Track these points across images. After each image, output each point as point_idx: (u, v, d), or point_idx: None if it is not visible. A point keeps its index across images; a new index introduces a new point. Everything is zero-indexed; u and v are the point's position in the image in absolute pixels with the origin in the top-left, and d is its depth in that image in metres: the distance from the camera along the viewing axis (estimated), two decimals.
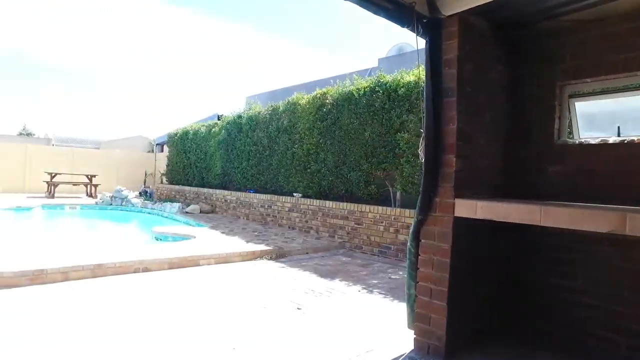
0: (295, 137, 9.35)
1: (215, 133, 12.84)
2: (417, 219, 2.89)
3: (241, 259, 6.33)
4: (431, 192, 2.82)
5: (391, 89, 7.17)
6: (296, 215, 9.12)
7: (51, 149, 20.37)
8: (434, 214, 2.79)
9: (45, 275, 4.73)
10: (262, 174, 10.62)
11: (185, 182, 14.83)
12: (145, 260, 5.41)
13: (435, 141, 2.78)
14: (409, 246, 3.01)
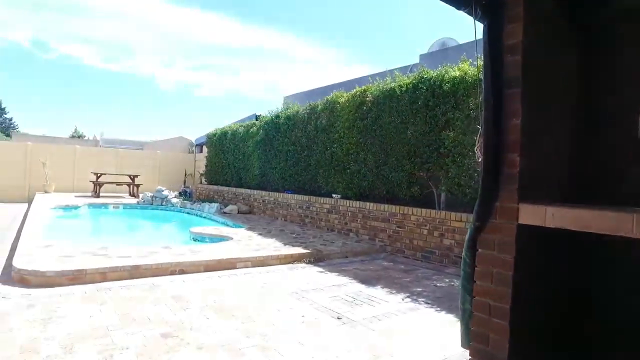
0: (334, 136, 9.12)
1: (253, 133, 12.82)
2: (474, 225, 2.57)
3: (279, 262, 6.16)
4: (490, 196, 2.49)
5: (435, 85, 6.79)
6: (335, 217, 8.88)
7: (97, 150, 21.15)
8: (493, 220, 2.46)
9: (84, 276, 4.74)
10: (300, 175, 10.45)
11: (224, 182, 14.94)
12: (182, 263, 5.34)
13: (495, 138, 2.45)
14: (463, 256, 2.69)
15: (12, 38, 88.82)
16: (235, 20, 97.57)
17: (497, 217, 2.46)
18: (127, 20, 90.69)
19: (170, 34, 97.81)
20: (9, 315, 3.70)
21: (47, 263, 4.92)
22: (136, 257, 5.41)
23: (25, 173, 16.22)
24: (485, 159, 2.50)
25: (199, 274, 5.37)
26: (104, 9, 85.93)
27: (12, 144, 18.66)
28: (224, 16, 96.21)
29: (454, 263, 6.30)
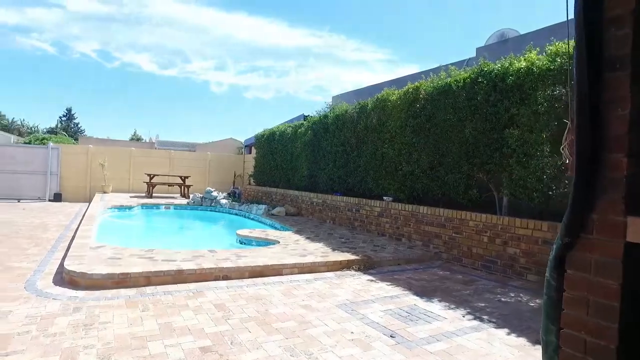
0: (385, 136, 8.68)
1: (301, 134, 12.63)
2: (562, 241, 2.10)
3: (327, 269, 5.85)
4: (584, 206, 2.01)
5: (497, 78, 6.19)
6: (386, 221, 8.44)
7: (151, 151, 21.92)
8: (589, 236, 1.99)
9: (129, 279, 4.67)
10: (350, 176, 10.10)
11: (272, 183, 14.89)
12: (226, 268, 5.16)
13: (591, 134, 1.98)
14: (547, 277, 2.22)
15: (81, 50, 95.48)
16: (283, 22, 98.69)
17: (593, 232, 1.99)
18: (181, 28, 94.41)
19: (221, 39, 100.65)
20: (55, 318, 3.67)
21: (96, 266, 4.92)
22: (181, 261, 5.30)
23: (87, 174, 17.07)
24: (578, 161, 2.03)
25: (243, 280, 5.17)
26: (160, 18, 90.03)
27: (75, 147, 19.75)
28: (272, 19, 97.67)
29: (519, 275, 5.69)
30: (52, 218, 10.42)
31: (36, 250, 6.51)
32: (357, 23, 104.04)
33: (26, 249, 6.63)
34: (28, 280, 4.83)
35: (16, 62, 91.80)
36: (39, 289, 4.53)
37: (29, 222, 9.63)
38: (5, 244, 6.91)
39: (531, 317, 4.13)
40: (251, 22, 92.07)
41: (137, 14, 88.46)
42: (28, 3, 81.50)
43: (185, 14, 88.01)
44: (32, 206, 13.55)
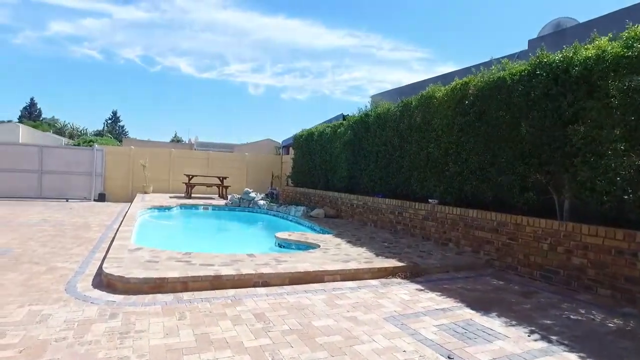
0: (431, 135, 8.22)
1: (340, 134, 12.31)
2: None
3: (371, 276, 5.50)
4: None
5: (560, 69, 5.62)
6: (432, 225, 7.98)
7: (190, 152, 22.26)
8: None
9: (166, 284, 4.52)
10: (392, 177, 9.68)
11: (310, 184, 14.65)
12: (265, 274, 4.91)
13: None
14: None
15: (126, 56, 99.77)
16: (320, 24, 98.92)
17: None
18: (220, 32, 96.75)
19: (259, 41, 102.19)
20: (92, 324, 3.55)
21: (133, 269, 4.80)
22: (219, 266, 5.11)
23: (129, 175, 17.49)
24: None
25: (283, 287, 4.91)
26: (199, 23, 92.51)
27: (118, 148, 20.34)
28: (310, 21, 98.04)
29: (587, 288, 5.11)
30: (95, 218, 10.62)
31: (79, 250, 6.54)
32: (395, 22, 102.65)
33: (70, 248, 6.69)
34: (69, 282, 4.78)
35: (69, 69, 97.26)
36: (78, 291, 4.46)
37: (74, 221, 9.83)
38: (52, 243, 7.03)
39: (613, 342, 3.61)
40: (289, 24, 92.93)
41: (178, 20, 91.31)
42: (81, 14, 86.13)
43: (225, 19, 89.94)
44: (78, 206, 13.97)
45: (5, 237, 7.49)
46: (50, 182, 16.09)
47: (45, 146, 16.85)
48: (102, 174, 16.89)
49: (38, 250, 6.46)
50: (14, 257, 5.94)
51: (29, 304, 4.00)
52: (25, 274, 5.07)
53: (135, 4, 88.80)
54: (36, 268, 5.39)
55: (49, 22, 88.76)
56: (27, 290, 4.45)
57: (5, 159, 15.67)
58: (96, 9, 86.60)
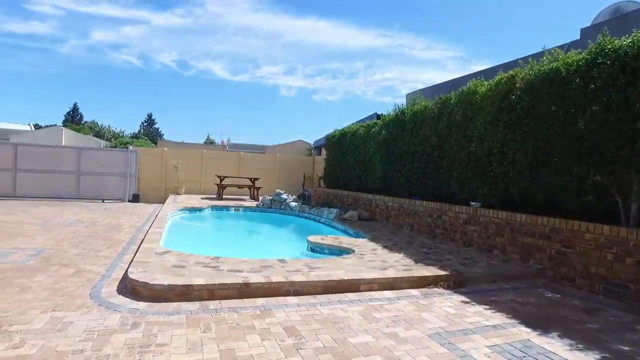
0: (473, 133, 7.67)
1: (374, 133, 11.87)
2: None
3: (410, 285, 5.07)
4: None
5: (629, 56, 4.98)
6: (474, 229, 7.44)
7: (222, 153, 22.30)
8: None
9: (191, 292, 4.25)
10: (430, 178, 9.16)
11: (343, 186, 14.26)
12: (297, 282, 4.57)
13: None
14: None
15: (162, 60, 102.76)
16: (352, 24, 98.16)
17: None
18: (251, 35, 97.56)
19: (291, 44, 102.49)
20: (112, 335, 3.31)
21: (159, 274, 4.57)
22: (248, 272, 4.81)
23: (162, 176, 17.65)
24: None
25: (316, 296, 4.56)
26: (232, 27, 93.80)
27: (152, 149, 20.59)
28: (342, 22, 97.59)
29: None
30: (127, 219, 10.63)
31: (108, 253, 6.44)
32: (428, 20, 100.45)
33: (99, 250, 6.60)
34: (94, 287, 4.62)
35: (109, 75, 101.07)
36: (102, 297, 4.27)
37: (107, 222, 9.86)
38: (84, 245, 7.00)
39: None
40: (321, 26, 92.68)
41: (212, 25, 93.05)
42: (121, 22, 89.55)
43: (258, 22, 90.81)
44: (113, 206, 14.14)
45: (41, 238, 7.53)
46: (87, 183, 16.43)
47: (82, 148, 17.24)
48: (136, 175, 17.10)
49: (69, 252, 6.40)
50: (46, 259, 5.89)
51: (52, 310, 3.83)
52: (54, 277, 4.96)
53: (171, 10, 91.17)
54: (65, 270, 5.29)
55: (92, 31, 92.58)
56: (52, 294, 4.31)
57: (47, 160, 16.12)
58: (135, 17, 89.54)
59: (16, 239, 7.41)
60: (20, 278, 4.87)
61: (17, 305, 3.94)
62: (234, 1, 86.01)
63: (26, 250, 6.40)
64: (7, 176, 15.83)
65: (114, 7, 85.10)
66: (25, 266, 5.44)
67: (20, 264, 5.52)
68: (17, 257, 5.92)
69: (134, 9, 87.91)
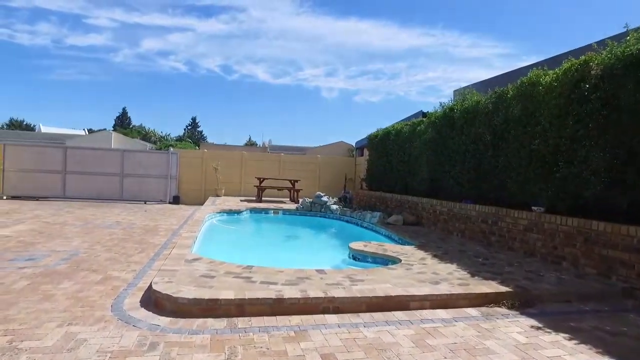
0: (535, 129, 6.80)
1: (420, 132, 11.11)
2: None
3: (468, 303, 4.37)
4: None
5: None
6: (537, 237, 6.57)
7: (262, 155, 22.13)
8: None
9: (218, 307, 3.79)
10: (483, 180, 8.33)
11: (386, 188, 13.54)
12: (337, 299, 4.00)
13: None
14: None
15: (207, 66, 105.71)
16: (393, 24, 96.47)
17: None
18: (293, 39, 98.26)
19: (332, 45, 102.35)
20: (125, 358, 2.90)
21: (184, 286, 4.15)
22: (282, 285, 4.30)
23: (202, 178, 17.65)
24: None
25: (359, 314, 3.97)
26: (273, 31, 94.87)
27: (192, 151, 20.74)
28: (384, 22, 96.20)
29: None
30: (165, 221, 10.47)
31: (139, 258, 6.17)
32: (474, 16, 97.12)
33: (131, 255, 6.35)
34: (118, 297, 4.29)
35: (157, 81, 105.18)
36: (124, 309, 3.90)
37: (144, 224, 9.72)
38: (117, 248, 6.82)
39: None
40: (362, 27, 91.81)
41: (254, 29, 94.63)
42: (169, 30, 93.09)
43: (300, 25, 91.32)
44: (153, 208, 14.17)
45: (78, 240, 7.44)
46: (130, 184, 16.66)
47: (125, 150, 17.53)
48: (177, 177, 17.18)
49: (101, 256, 6.20)
50: (76, 263, 5.70)
51: (69, 323, 3.50)
52: (79, 284, 4.70)
53: (216, 17, 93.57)
54: (92, 277, 5.02)
55: (142, 40, 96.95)
56: (73, 304, 4.01)
57: (93, 163, 16.51)
58: (181, 25, 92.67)
59: (54, 240, 7.35)
60: (47, 284, 4.64)
61: (35, 316, 3.65)
62: (276, 5, 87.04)
63: (60, 254, 6.25)
64: (57, 178, 16.33)
65: (163, 16, 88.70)
66: (55, 271, 5.23)
67: (50, 269, 5.33)
68: (49, 261, 5.76)
69: (181, 17, 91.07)
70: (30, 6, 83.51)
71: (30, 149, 16.71)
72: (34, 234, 7.95)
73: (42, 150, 16.68)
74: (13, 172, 15.92)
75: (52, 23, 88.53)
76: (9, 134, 34.82)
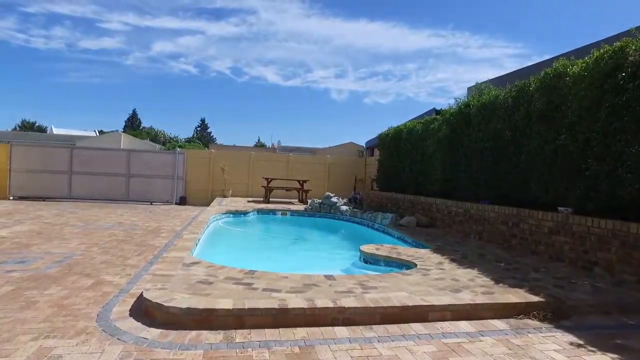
0: (561, 123, 6.30)
1: (434, 130, 10.62)
2: None
3: (493, 314, 3.89)
4: None
5: None
6: (564, 241, 6.06)
7: (270, 155, 21.78)
8: None
9: (214, 318, 3.36)
10: (503, 179, 7.81)
11: (398, 188, 13.05)
12: (348, 309, 3.56)
13: None
14: None
15: (217, 68, 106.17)
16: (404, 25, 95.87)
17: None
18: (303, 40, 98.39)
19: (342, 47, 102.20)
20: None
21: (179, 293, 3.74)
22: (287, 293, 3.87)
23: (209, 178, 17.31)
24: None
25: (372, 326, 3.52)
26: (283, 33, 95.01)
27: (199, 151, 20.43)
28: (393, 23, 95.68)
29: None
30: (168, 222, 10.12)
31: (136, 261, 5.80)
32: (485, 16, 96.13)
33: (128, 258, 5.99)
34: (107, 304, 3.90)
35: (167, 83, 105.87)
36: (110, 319, 3.50)
37: (147, 225, 9.37)
38: (114, 250, 6.47)
39: None
40: (372, 28, 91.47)
41: (264, 32, 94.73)
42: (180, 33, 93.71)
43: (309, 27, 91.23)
44: (158, 209, 13.84)
45: (76, 241, 7.12)
46: (137, 185, 16.38)
47: (132, 150, 17.27)
48: (184, 177, 16.86)
49: (96, 258, 5.84)
50: (69, 266, 5.35)
51: (46, 336, 3.12)
52: (67, 289, 4.34)
53: (226, 19, 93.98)
54: (82, 282, 4.66)
55: (153, 43, 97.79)
56: (56, 313, 3.63)
57: (99, 163, 16.27)
58: (192, 27, 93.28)
59: (52, 242, 7.03)
60: (33, 290, 4.28)
61: (10, 327, 3.27)
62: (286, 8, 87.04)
63: (54, 256, 5.91)
64: (64, 179, 16.11)
65: (173, 19, 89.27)
66: (45, 275, 4.88)
67: (40, 272, 4.98)
68: (41, 264, 5.41)
69: (192, 20, 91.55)
70: (45, 11, 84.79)
71: (36, 149, 16.52)
72: (31, 235, 7.64)
73: (48, 151, 16.48)
74: (20, 173, 15.73)
75: (66, 27, 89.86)
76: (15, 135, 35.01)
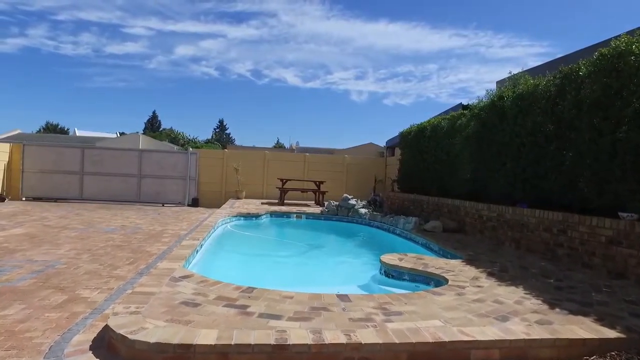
0: (623, 112, 5.30)
1: (461, 126, 9.65)
2: None
3: (556, 354, 2.99)
4: None
5: None
6: (628, 253, 5.06)
7: (285, 155, 21.06)
8: None
9: (191, 356, 2.56)
10: (544, 179, 6.83)
11: (421, 189, 12.10)
12: (365, 346, 2.71)
13: None
14: None
15: (238, 71, 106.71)
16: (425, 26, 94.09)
17: None
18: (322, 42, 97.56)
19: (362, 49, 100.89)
20: None
21: (153, 320, 2.96)
22: (288, 320, 3.05)
23: (222, 179, 16.68)
24: None
25: None
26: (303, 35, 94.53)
27: (212, 151, 19.85)
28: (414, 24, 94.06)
29: None
30: (174, 225, 9.46)
31: (125, 271, 5.10)
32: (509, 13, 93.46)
33: (117, 267, 5.31)
34: (68, 331, 3.18)
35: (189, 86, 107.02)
36: (62, 355, 2.76)
37: (150, 229, 8.73)
38: (105, 258, 5.85)
39: None
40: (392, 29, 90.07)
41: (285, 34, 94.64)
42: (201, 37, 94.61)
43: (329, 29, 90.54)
44: (168, 211, 13.26)
45: (67, 247, 6.54)
46: (148, 186, 15.90)
47: (143, 150, 16.82)
48: (196, 178, 16.27)
49: (81, 268, 5.19)
50: (46, 277, 4.69)
51: None
52: (31, 309, 3.64)
53: (246, 22, 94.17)
54: (53, 298, 3.98)
55: (176, 47, 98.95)
56: (3, 341, 2.90)
57: (111, 163, 15.86)
58: (214, 31, 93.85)
59: (41, 247, 6.44)
60: None
61: None
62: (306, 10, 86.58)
63: (35, 264, 5.28)
64: (75, 179, 15.75)
65: (195, 23, 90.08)
66: (13, 289, 4.21)
67: (9, 285, 4.33)
68: (16, 274, 4.77)
69: (213, 24, 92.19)
70: (74, 18, 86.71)
71: (48, 149, 16.18)
72: (23, 239, 7.07)
73: (60, 151, 16.11)
74: (32, 173, 15.44)
75: (93, 33, 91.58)
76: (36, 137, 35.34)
